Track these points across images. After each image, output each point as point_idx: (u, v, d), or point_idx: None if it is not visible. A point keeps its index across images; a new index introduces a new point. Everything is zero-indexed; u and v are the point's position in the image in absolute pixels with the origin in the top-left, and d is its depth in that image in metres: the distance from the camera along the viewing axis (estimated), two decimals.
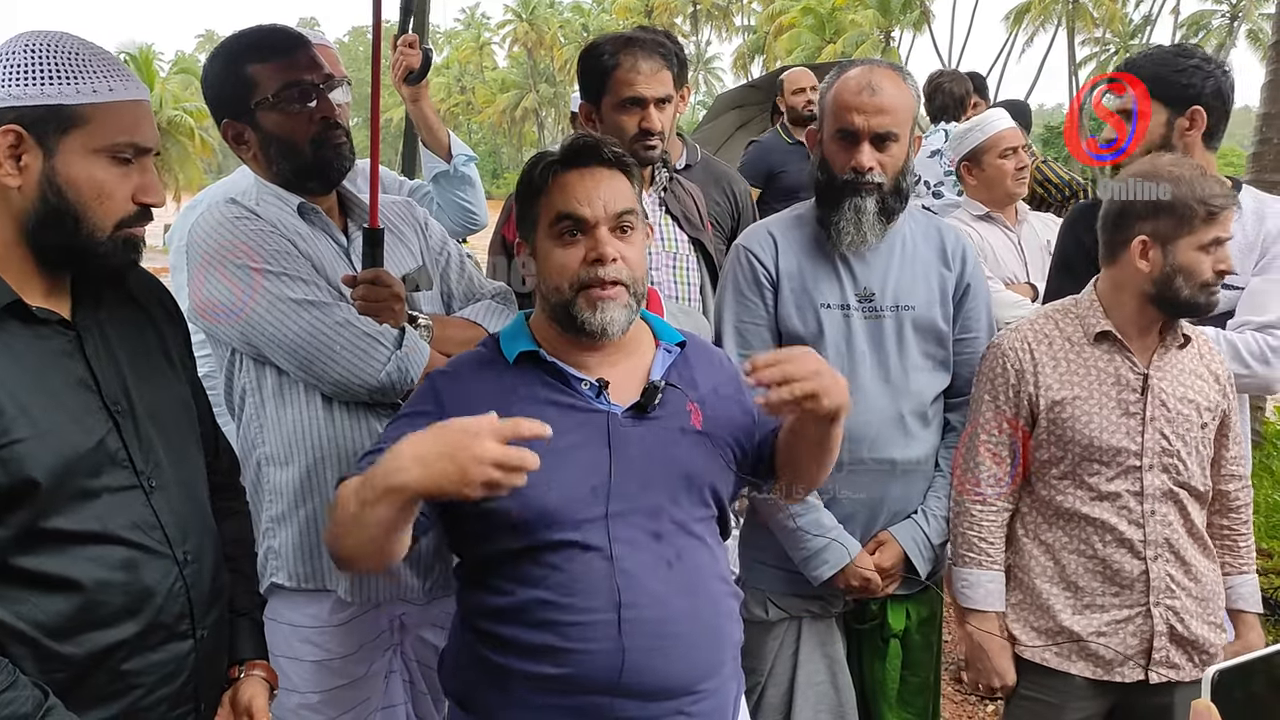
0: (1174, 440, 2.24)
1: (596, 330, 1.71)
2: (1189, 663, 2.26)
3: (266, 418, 2.07)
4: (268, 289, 1.96)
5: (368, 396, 2.02)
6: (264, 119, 2.06)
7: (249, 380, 2.08)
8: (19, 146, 1.45)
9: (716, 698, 1.75)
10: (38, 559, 1.41)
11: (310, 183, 2.11)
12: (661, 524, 1.72)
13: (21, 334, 1.45)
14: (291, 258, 2.00)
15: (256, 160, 2.11)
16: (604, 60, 2.62)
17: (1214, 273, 2.17)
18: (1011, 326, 2.39)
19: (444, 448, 1.40)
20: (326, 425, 2.05)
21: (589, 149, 1.76)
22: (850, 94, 2.29)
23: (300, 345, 1.96)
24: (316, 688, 2.12)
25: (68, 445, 1.44)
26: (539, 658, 1.66)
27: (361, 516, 1.48)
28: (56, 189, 1.47)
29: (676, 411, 1.79)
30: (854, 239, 2.31)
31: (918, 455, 2.39)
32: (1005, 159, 3.53)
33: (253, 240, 1.99)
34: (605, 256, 1.70)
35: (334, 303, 1.99)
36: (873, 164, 2.27)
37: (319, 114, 2.07)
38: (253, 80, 2.04)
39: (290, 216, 2.08)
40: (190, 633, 1.58)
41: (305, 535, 2.07)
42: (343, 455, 2.04)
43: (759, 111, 7.99)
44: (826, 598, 2.43)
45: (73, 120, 1.47)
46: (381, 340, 1.99)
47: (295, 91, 2.04)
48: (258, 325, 1.96)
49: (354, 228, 2.18)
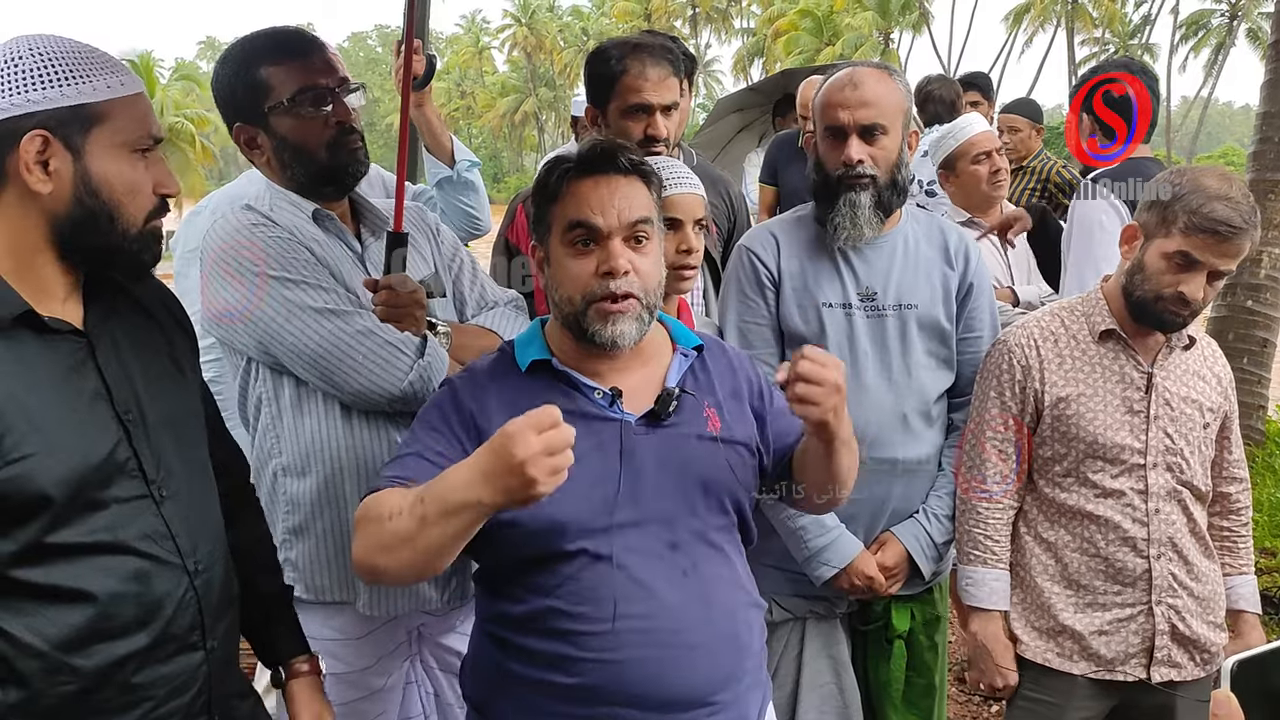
0: (1177, 439, 2.24)
1: (607, 343, 1.69)
2: (1190, 662, 2.27)
3: (284, 428, 2.04)
4: (287, 297, 1.93)
5: (388, 406, 1.99)
6: (278, 123, 2.01)
7: (265, 389, 2.04)
8: (46, 151, 1.42)
9: (735, 709, 1.72)
10: (48, 571, 1.40)
11: (325, 188, 2.08)
12: (678, 533, 1.70)
13: (33, 344, 1.43)
14: (310, 265, 1.97)
15: (269, 165, 2.07)
16: (611, 66, 2.62)
17: (1174, 290, 2.14)
18: (1017, 324, 2.40)
19: (497, 462, 1.39)
20: (345, 435, 2.02)
21: (606, 156, 1.72)
22: (834, 92, 2.32)
23: (320, 354, 1.93)
24: (334, 700, 2.11)
25: (78, 457, 1.42)
26: (552, 666, 1.65)
27: (423, 534, 1.47)
28: (92, 189, 1.45)
29: (693, 418, 1.77)
30: (850, 234, 2.32)
31: (921, 455, 2.40)
32: (979, 164, 3.51)
33: (270, 248, 1.95)
34: (617, 270, 1.67)
35: (354, 311, 1.97)
36: (862, 156, 2.28)
37: (334, 119, 2.03)
38: (266, 83, 2.00)
39: (306, 223, 2.04)
40: (201, 643, 1.56)
41: (323, 547, 2.05)
42: (362, 466, 2.02)
43: (760, 114, 8.00)
44: (830, 599, 2.43)
45: (94, 118, 1.44)
46: (403, 349, 1.96)
47: (310, 96, 2.00)
48: (276, 334, 1.94)
49: (367, 233, 2.16)
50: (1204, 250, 2.11)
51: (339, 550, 2.04)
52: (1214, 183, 2.11)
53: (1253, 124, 5.76)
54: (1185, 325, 2.24)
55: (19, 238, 1.45)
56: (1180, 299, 2.15)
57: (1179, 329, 2.24)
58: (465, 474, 1.43)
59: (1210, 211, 2.08)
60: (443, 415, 1.73)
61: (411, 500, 1.49)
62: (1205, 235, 2.09)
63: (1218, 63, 49.13)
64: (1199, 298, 2.14)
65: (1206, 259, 2.11)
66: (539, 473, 1.37)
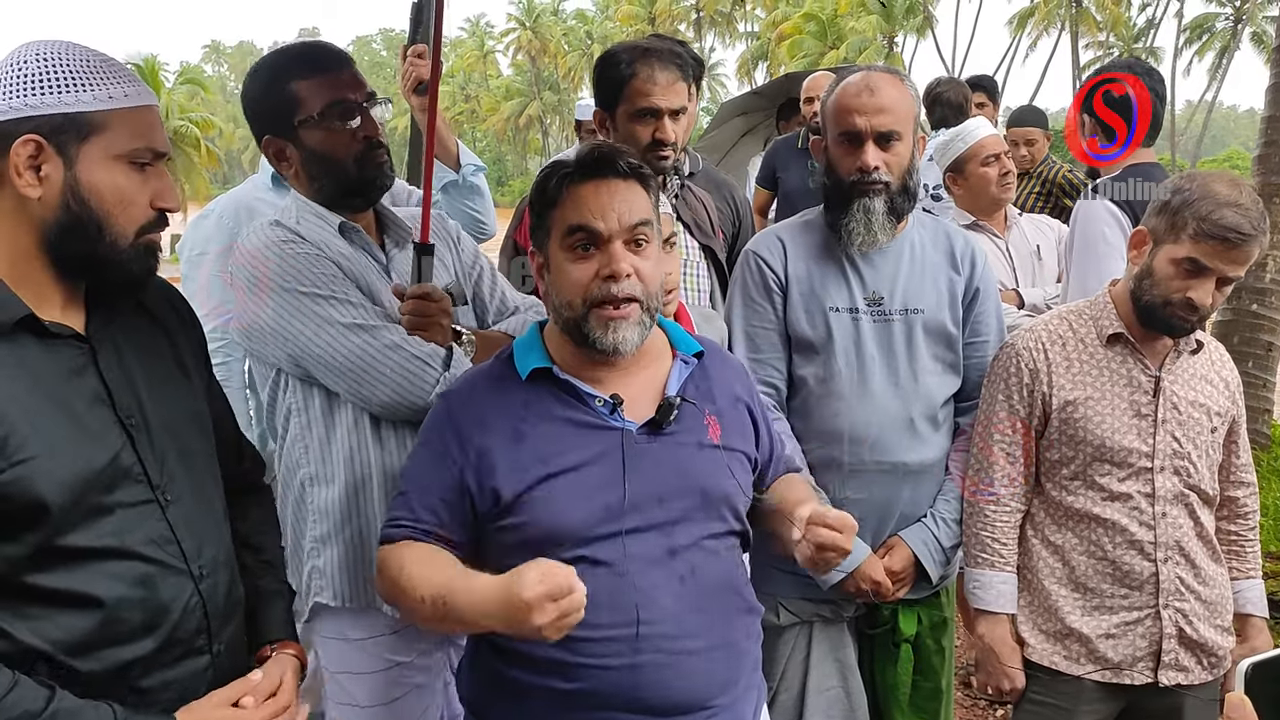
0: (1185, 443, 2.24)
1: (609, 349, 1.70)
2: (1198, 665, 2.27)
3: (313, 438, 2.08)
4: (317, 312, 1.97)
5: (415, 417, 2.01)
6: (307, 136, 2.06)
7: (295, 401, 2.08)
8: (38, 156, 1.42)
9: (732, 711, 1.74)
10: (55, 576, 1.40)
11: (353, 200, 2.13)
12: (677, 540, 1.71)
13: (34, 349, 1.43)
14: (339, 280, 2.01)
15: (298, 177, 2.12)
16: (621, 70, 2.62)
17: (1182, 296, 2.14)
18: (1025, 327, 2.40)
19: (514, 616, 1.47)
20: (374, 446, 2.07)
21: (605, 160, 1.73)
22: (850, 97, 2.31)
23: (350, 368, 1.98)
24: (377, 701, 2.12)
25: (81, 462, 1.42)
26: (551, 672, 1.66)
27: (443, 625, 1.63)
28: (80, 198, 1.45)
29: (693, 426, 1.77)
30: (864, 239, 2.32)
31: (928, 459, 2.40)
32: (988, 167, 3.52)
33: (300, 263, 2.00)
34: (619, 273, 1.68)
35: (383, 325, 2.01)
36: (878, 163, 2.29)
37: (363, 132, 2.07)
38: (297, 97, 2.04)
39: (333, 237, 2.09)
40: (207, 648, 1.56)
41: (350, 554, 2.08)
42: (388, 475, 2.06)
43: (764, 118, 8.01)
44: (837, 602, 2.43)
45: (91, 127, 1.45)
46: (430, 363, 2.00)
47: (339, 110, 2.04)
48: (307, 348, 1.98)
49: (390, 244, 2.20)
50: (1213, 257, 2.10)
51: (366, 557, 2.07)
52: (1224, 189, 2.11)
53: (1257, 128, 5.76)
54: (1193, 330, 2.24)
55: (12, 242, 1.45)
56: (1188, 305, 2.14)
57: (1186, 334, 2.24)
58: (484, 606, 1.52)
59: (1220, 218, 2.07)
60: (440, 437, 1.75)
61: (433, 595, 1.59)
62: (1215, 242, 2.09)
63: (1222, 66, 49.12)
64: (1207, 304, 2.14)
65: (1215, 265, 2.11)
66: (552, 634, 1.46)
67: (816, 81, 5.59)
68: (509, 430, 1.72)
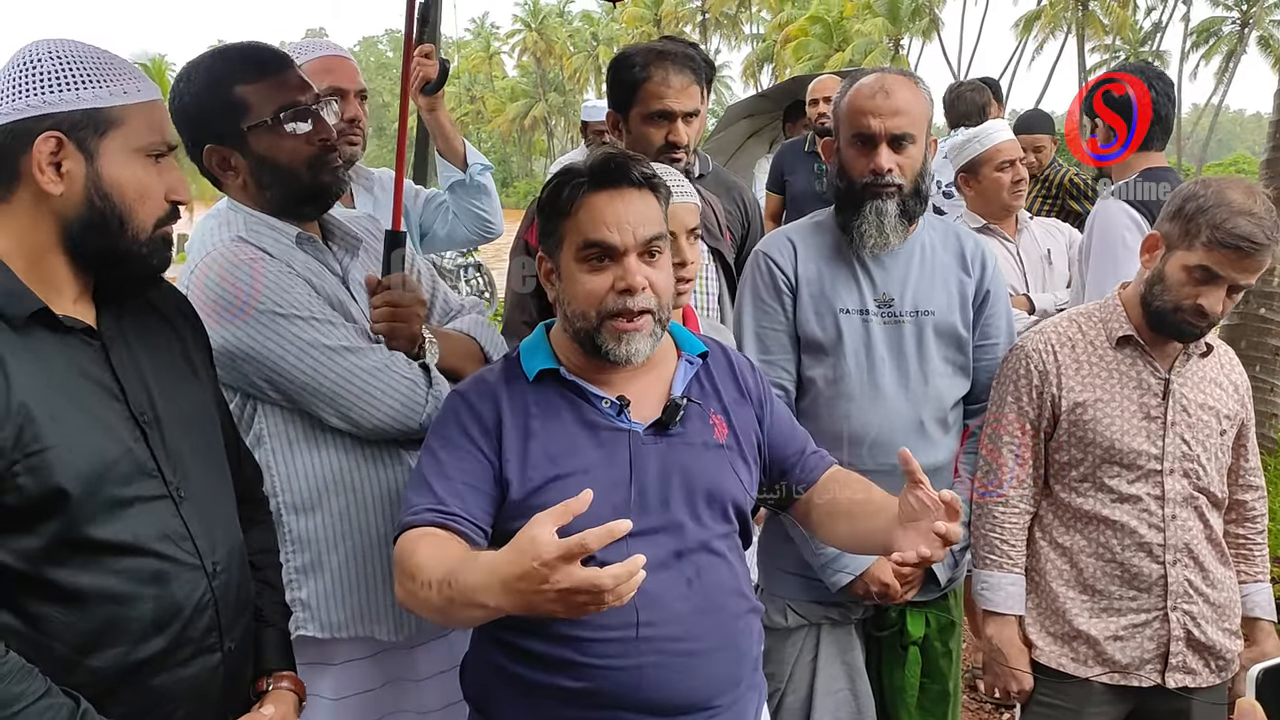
0: (1194, 445, 2.24)
1: (621, 360, 1.70)
2: (1205, 669, 2.27)
3: (293, 464, 1.99)
4: (299, 336, 1.90)
5: (404, 438, 2.00)
6: (256, 143, 1.94)
7: (269, 426, 1.98)
8: (59, 153, 1.43)
9: (734, 711, 1.75)
10: (71, 571, 1.40)
11: (304, 208, 2.03)
12: (683, 542, 1.72)
13: (49, 342, 1.44)
14: (316, 301, 1.94)
15: (245, 188, 2.00)
16: (635, 72, 2.62)
17: (1193, 303, 2.14)
18: (1035, 329, 2.40)
19: (529, 600, 1.37)
20: (367, 465, 2.01)
21: (620, 169, 1.70)
22: (864, 99, 2.31)
23: (338, 393, 1.92)
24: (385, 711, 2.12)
25: (98, 453, 1.42)
26: (557, 671, 1.67)
27: (449, 611, 1.51)
28: (102, 192, 1.46)
29: (699, 426, 1.78)
30: (876, 241, 2.32)
31: (937, 461, 2.39)
32: (1003, 171, 3.51)
33: (274, 284, 1.90)
34: (635, 287, 1.67)
35: (367, 346, 1.96)
36: (891, 165, 2.29)
37: (318, 136, 1.98)
38: (244, 102, 1.92)
39: (294, 250, 1.99)
40: (218, 645, 1.56)
41: (339, 581, 2.01)
42: (380, 495, 2.01)
43: (770, 121, 8.01)
44: (845, 604, 2.43)
45: (110, 123, 1.46)
46: (418, 383, 1.97)
47: (292, 113, 1.95)
48: (290, 374, 1.90)
49: (340, 251, 2.10)
50: (1225, 265, 2.10)
51: (357, 583, 2.02)
52: (1239, 196, 2.10)
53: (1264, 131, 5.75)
54: (1202, 336, 2.23)
55: (31, 237, 1.46)
56: (1199, 311, 2.14)
57: (1196, 339, 2.24)
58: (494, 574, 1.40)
59: (1234, 227, 2.06)
60: (462, 429, 1.73)
61: (440, 577, 1.50)
62: (1228, 250, 2.08)
63: (1229, 70, 49.01)
64: (1217, 311, 2.14)
65: (1227, 273, 2.11)
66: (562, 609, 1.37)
67: (823, 84, 5.60)
68: (521, 426, 1.73)
